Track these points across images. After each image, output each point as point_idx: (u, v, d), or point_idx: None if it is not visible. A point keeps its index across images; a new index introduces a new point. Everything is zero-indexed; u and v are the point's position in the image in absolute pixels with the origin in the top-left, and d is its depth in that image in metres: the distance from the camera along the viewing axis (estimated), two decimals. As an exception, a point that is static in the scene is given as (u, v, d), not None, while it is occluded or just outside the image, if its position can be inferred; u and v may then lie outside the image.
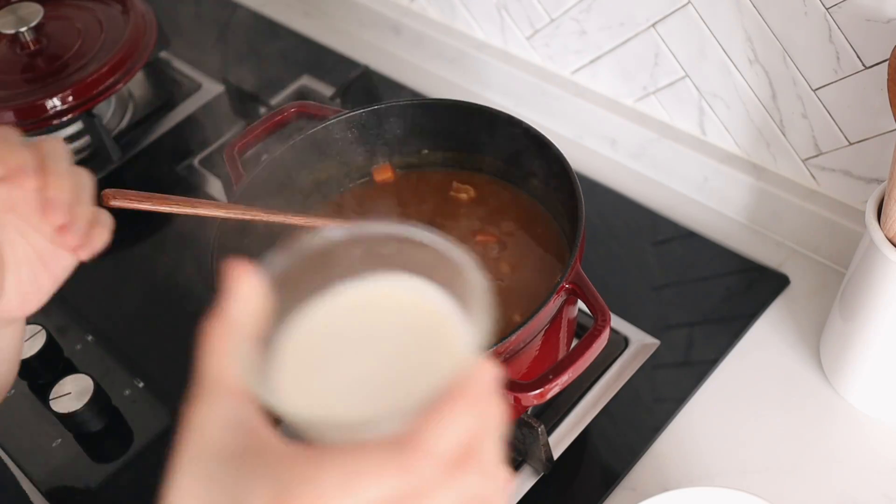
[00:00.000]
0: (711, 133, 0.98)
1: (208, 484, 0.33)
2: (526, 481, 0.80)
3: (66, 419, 0.86)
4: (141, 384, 0.92)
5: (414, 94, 1.17)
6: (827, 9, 0.79)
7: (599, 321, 0.63)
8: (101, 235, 0.55)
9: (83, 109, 1.08)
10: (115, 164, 1.15)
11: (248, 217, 0.72)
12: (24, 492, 0.81)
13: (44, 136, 0.53)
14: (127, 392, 0.91)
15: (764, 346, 0.88)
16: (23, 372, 0.92)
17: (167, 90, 1.25)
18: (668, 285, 0.94)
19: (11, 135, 0.53)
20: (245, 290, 0.35)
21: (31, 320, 0.97)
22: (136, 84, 1.27)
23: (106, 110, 1.20)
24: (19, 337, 0.60)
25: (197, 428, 0.35)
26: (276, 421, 0.34)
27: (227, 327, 0.36)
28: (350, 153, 0.83)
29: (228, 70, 1.25)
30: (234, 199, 0.75)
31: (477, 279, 0.35)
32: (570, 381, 0.61)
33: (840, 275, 0.91)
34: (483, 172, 0.83)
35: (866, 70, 0.80)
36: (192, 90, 1.25)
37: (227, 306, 0.36)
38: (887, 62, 0.71)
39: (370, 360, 0.35)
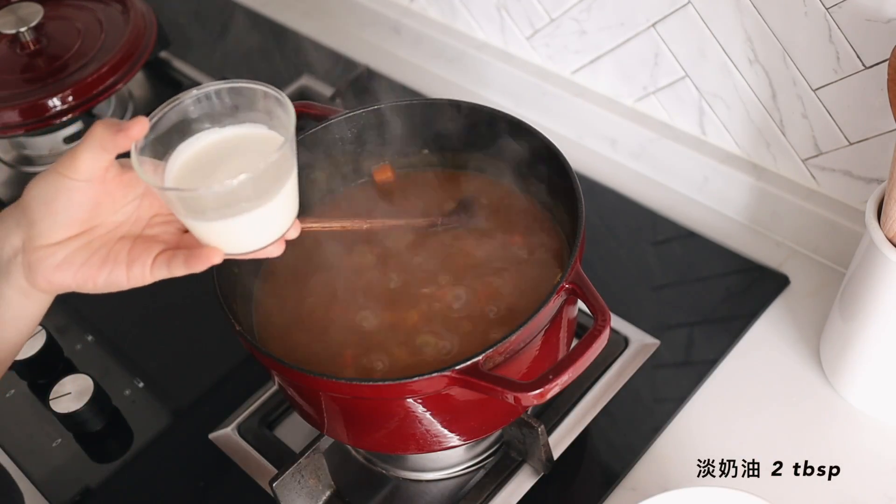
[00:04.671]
0: (711, 133, 0.98)
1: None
2: (526, 481, 0.80)
3: (66, 419, 0.86)
4: (141, 384, 0.92)
5: (414, 94, 1.17)
6: (827, 9, 0.79)
7: (599, 321, 0.63)
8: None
9: (83, 109, 1.08)
10: (115, 164, 1.15)
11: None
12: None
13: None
14: (127, 392, 0.91)
15: (764, 346, 0.88)
16: (23, 372, 0.92)
17: (167, 90, 1.25)
18: (668, 285, 0.94)
19: None
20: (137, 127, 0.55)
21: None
22: (136, 84, 1.27)
23: (106, 110, 1.20)
24: (45, 309, 0.62)
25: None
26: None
27: (112, 129, 0.54)
28: (350, 153, 0.83)
29: (228, 70, 1.25)
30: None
31: (282, 106, 0.57)
32: (570, 381, 0.61)
33: (840, 275, 0.91)
34: (483, 172, 0.83)
35: (866, 70, 0.80)
36: (192, 90, 1.25)
37: (121, 124, 0.54)
38: (887, 62, 0.71)
39: (218, 162, 0.59)
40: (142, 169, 0.55)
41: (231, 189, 0.54)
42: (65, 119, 1.07)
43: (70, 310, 1.00)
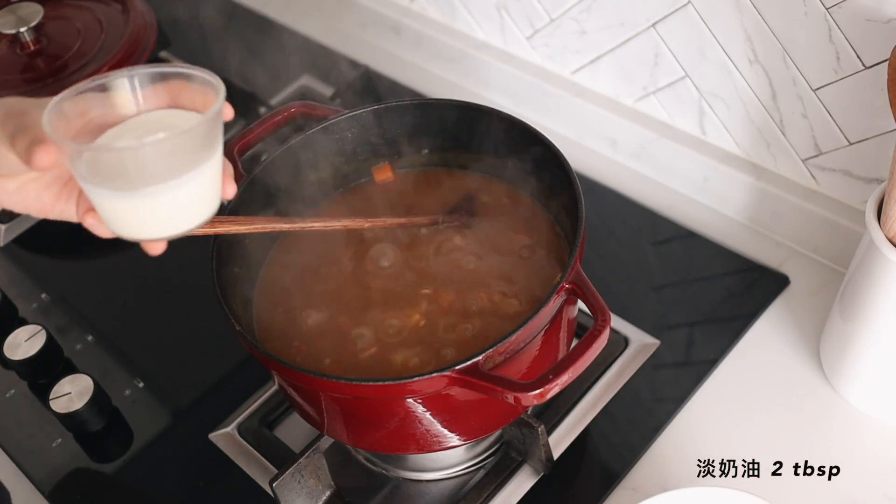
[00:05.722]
0: (711, 133, 0.98)
1: None
2: (526, 481, 0.80)
3: (66, 419, 0.86)
4: (141, 384, 0.92)
5: (414, 94, 1.17)
6: (827, 9, 0.79)
7: (599, 321, 0.63)
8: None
9: (83, 109, 1.08)
10: (115, 164, 1.15)
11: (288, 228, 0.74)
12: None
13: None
14: (127, 392, 0.91)
15: (764, 346, 0.88)
16: (23, 372, 0.92)
17: (167, 90, 1.25)
18: (668, 285, 0.94)
19: None
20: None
21: (31, 320, 0.97)
22: (136, 84, 1.27)
23: (106, 110, 1.20)
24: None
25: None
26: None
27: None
28: (350, 153, 0.83)
29: (228, 70, 1.25)
30: (234, 198, 0.75)
31: (212, 87, 0.56)
32: (570, 381, 0.61)
33: (840, 275, 0.91)
34: (483, 172, 0.83)
35: (866, 70, 0.80)
36: (192, 90, 1.24)
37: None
38: (887, 62, 0.71)
39: (141, 132, 0.56)
40: (51, 127, 0.52)
41: (143, 149, 0.51)
42: (65, 119, 1.07)
43: (70, 310, 1.00)
